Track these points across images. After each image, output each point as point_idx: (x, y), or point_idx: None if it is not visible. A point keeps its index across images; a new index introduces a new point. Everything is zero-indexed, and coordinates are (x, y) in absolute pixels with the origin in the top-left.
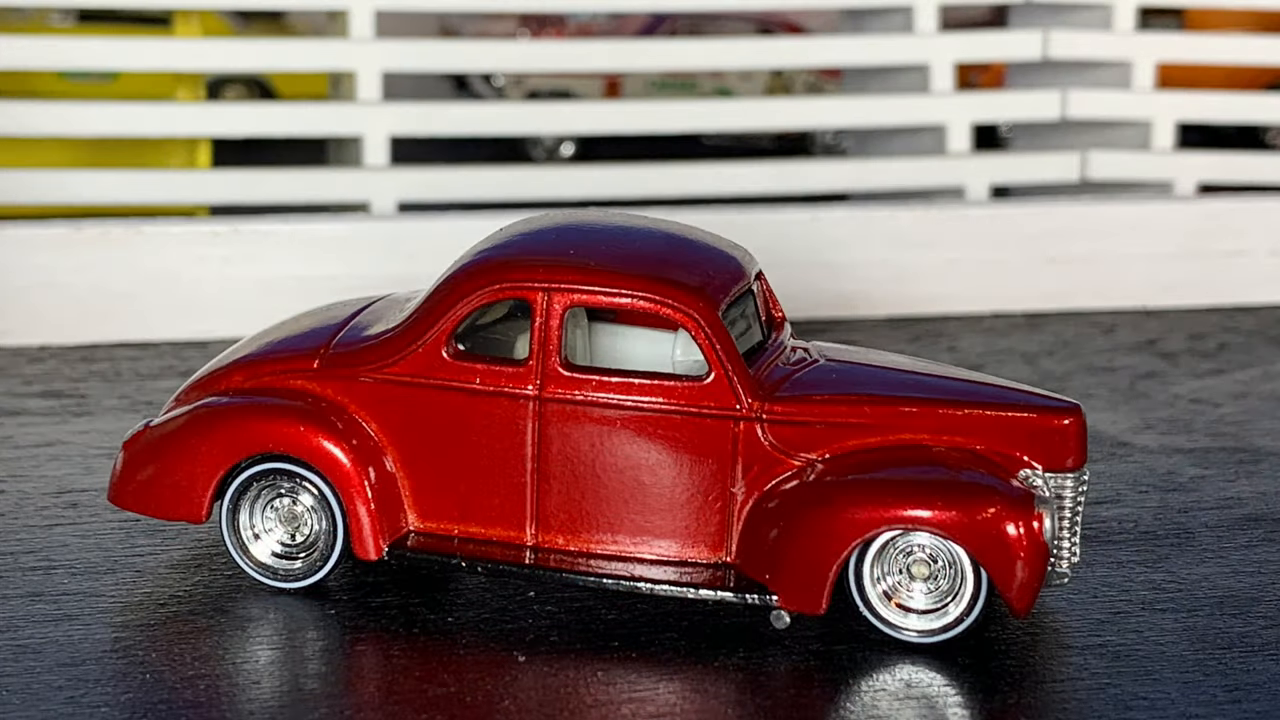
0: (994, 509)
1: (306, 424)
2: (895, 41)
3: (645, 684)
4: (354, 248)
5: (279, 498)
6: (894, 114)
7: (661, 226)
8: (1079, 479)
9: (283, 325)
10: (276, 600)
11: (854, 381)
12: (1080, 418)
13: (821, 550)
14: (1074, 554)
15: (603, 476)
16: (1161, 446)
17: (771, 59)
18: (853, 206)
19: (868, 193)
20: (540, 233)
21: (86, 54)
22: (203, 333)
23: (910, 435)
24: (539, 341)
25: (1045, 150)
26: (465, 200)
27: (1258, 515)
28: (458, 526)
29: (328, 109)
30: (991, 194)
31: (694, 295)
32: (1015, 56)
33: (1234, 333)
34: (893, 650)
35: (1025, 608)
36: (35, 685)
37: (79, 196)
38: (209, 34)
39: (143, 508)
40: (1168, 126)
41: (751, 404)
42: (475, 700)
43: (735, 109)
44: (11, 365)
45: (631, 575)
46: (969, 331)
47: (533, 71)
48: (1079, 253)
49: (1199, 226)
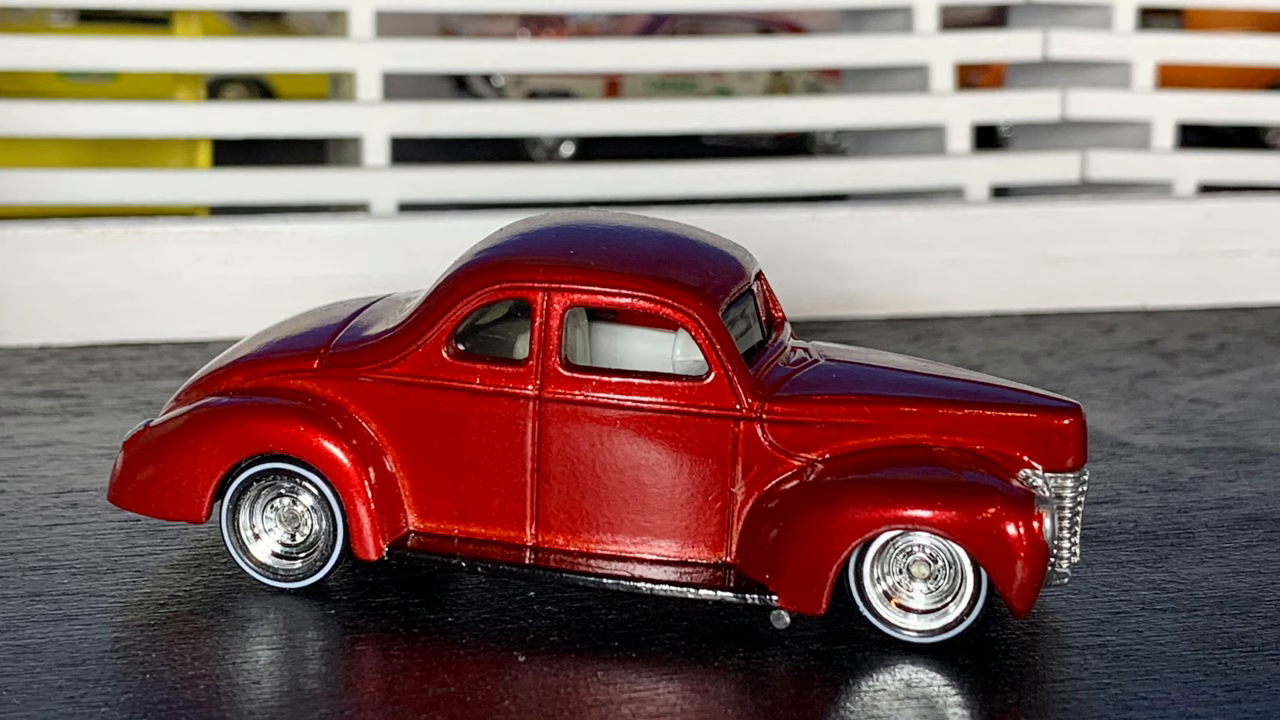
0: (994, 509)
1: (306, 424)
2: (895, 41)
3: (645, 684)
4: (354, 248)
5: (279, 498)
6: (894, 114)
7: (661, 226)
8: (1079, 479)
9: (283, 325)
10: (276, 600)
11: (854, 381)
12: (1080, 418)
13: (821, 550)
14: (1074, 554)
15: (603, 476)
16: (1161, 446)
17: (771, 59)
18: (853, 206)
19: (868, 193)
20: (540, 233)
21: (86, 54)
22: (203, 333)
23: (910, 435)
24: (539, 341)
25: (1045, 150)
26: (465, 200)
27: (1258, 515)
28: (458, 526)
29: (328, 109)
30: (991, 194)
31: (694, 295)
32: (1015, 56)
33: (1234, 333)
34: (893, 650)
35: (1025, 608)
36: (35, 685)
37: (79, 196)
38: (209, 34)
39: (143, 508)
40: (1168, 126)
41: (751, 404)
42: (475, 700)
43: (735, 109)
44: (11, 365)
45: (631, 575)
46: (969, 331)
47: (533, 71)
48: (1079, 253)
49: (1199, 226)
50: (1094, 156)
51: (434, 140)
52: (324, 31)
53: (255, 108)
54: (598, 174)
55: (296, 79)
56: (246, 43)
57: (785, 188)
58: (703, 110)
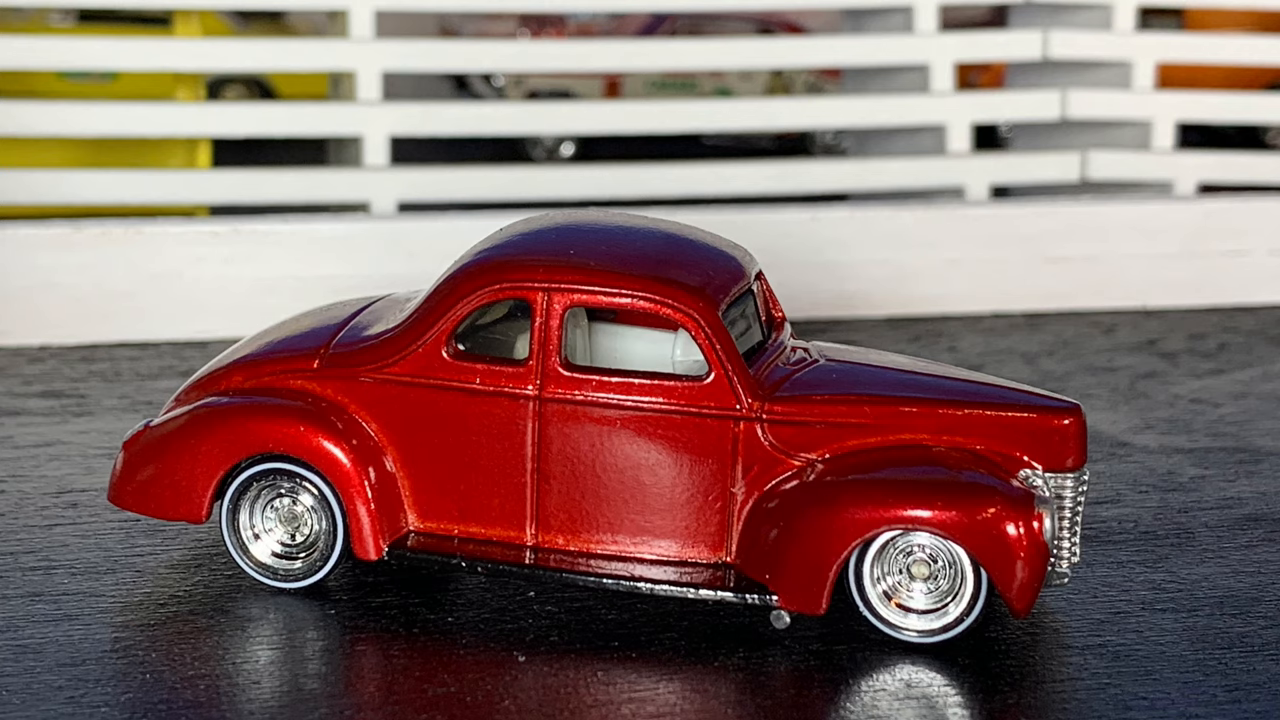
0: (994, 509)
1: (306, 424)
2: (895, 41)
3: (645, 684)
4: (354, 248)
5: (279, 498)
6: (894, 114)
7: (661, 226)
8: (1079, 479)
9: (283, 325)
10: (276, 600)
11: (854, 381)
12: (1080, 418)
13: (821, 550)
14: (1074, 554)
15: (603, 476)
16: (1161, 446)
17: (771, 59)
18: (853, 206)
19: (868, 193)
20: (540, 233)
21: (86, 54)
22: (203, 333)
23: (910, 435)
24: (539, 341)
25: (1045, 150)
26: (465, 200)
27: (1258, 515)
28: (458, 526)
29: (328, 109)
30: (991, 194)
31: (694, 295)
32: (1015, 56)
33: (1234, 333)
34: (893, 650)
35: (1025, 608)
36: (35, 685)
37: (79, 196)
38: (209, 34)
39: (143, 508)
40: (1168, 126)
41: (751, 404)
42: (475, 700)
43: (735, 109)
44: (11, 365)
45: (631, 575)
46: (969, 331)
47: (533, 71)
48: (1079, 253)
49: (1199, 226)
50: (1094, 156)
51: (434, 140)
52: (324, 31)
53: (255, 108)
54: (598, 174)
55: (296, 79)
56: (246, 43)
57: (785, 188)
58: (703, 110)
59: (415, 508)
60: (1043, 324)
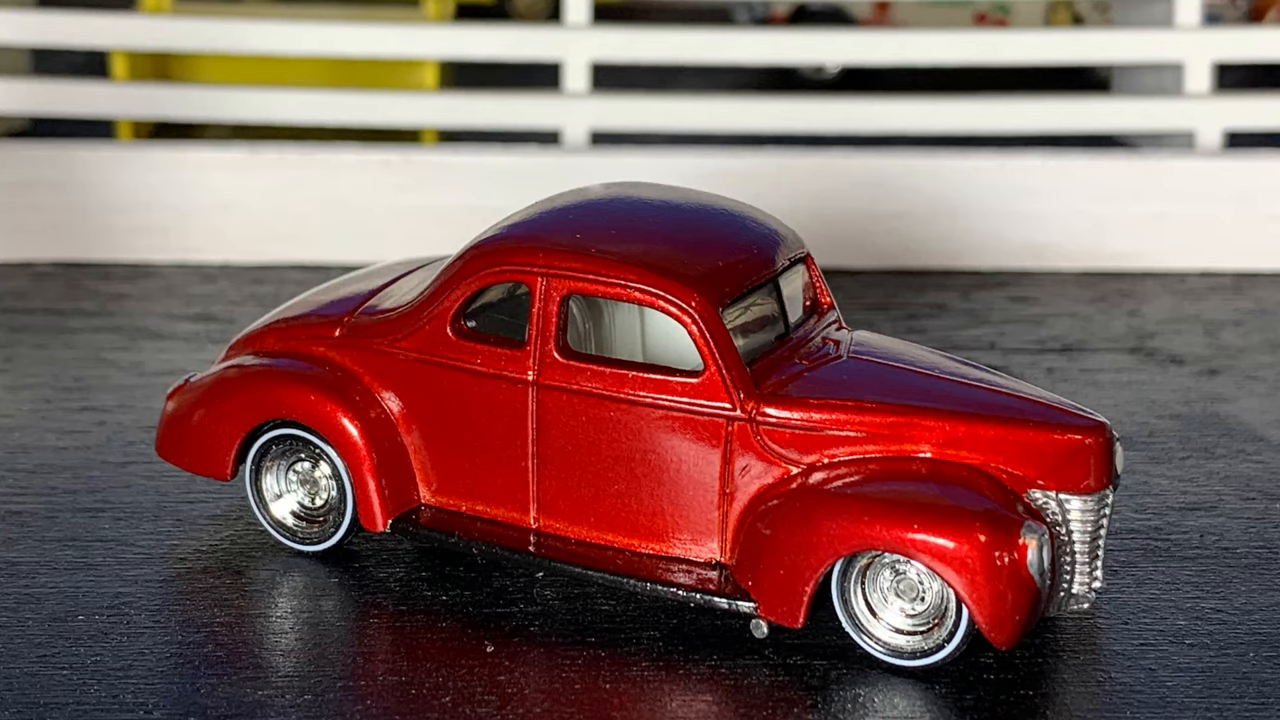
0: (972, 535)
1: (319, 393)
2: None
3: (636, 680)
4: (522, 180)
5: (300, 461)
6: (1126, 50)
7: (700, 204)
8: (1100, 501)
9: (333, 286)
10: (290, 562)
11: (862, 386)
12: (1103, 438)
13: (798, 564)
14: (1095, 579)
15: (599, 465)
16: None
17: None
18: (1046, 154)
19: (1096, 133)
20: (559, 211)
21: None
22: (373, 258)
23: (910, 446)
24: (536, 327)
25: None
26: (664, 131)
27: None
28: (465, 504)
29: (528, 33)
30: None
31: (691, 288)
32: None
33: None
34: (872, 669)
35: (1005, 640)
36: (17, 640)
37: (313, 117)
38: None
39: (179, 461)
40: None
41: (745, 404)
42: (420, 693)
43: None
44: (185, 284)
45: (620, 569)
46: (1164, 292)
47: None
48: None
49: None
50: None
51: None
52: None
53: (476, 31)
54: (798, 108)
55: None
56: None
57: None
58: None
59: (426, 482)
60: (1250, 287)
